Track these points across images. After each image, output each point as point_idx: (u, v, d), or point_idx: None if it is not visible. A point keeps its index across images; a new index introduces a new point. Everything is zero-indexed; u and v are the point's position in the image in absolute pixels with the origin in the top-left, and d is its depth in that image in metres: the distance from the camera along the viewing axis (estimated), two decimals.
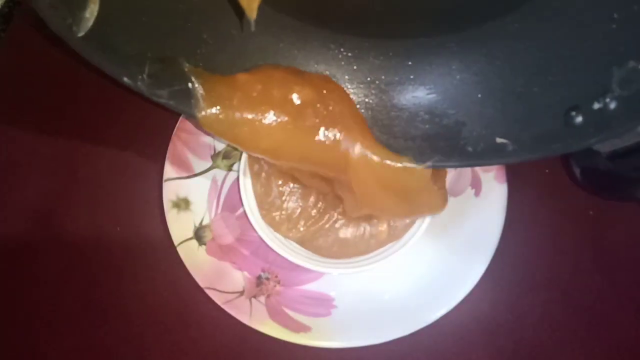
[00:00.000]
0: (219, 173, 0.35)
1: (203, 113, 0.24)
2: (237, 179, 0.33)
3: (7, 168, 0.36)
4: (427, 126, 0.26)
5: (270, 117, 0.24)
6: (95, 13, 0.22)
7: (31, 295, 0.33)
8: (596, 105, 0.22)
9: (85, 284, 0.34)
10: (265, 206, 0.31)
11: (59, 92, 0.38)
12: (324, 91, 0.25)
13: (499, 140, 0.24)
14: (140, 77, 0.23)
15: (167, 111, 0.36)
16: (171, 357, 0.32)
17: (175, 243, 0.32)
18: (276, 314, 0.31)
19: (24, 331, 0.33)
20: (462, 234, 0.33)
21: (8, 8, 0.40)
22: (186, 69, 0.24)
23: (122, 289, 0.33)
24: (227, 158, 0.35)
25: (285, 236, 0.31)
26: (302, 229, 0.31)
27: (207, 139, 0.35)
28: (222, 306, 0.31)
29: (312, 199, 0.32)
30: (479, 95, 0.25)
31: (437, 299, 0.31)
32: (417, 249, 0.30)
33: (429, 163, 0.25)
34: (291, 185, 0.31)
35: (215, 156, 0.35)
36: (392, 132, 0.26)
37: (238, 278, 0.32)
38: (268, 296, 0.32)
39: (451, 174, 0.35)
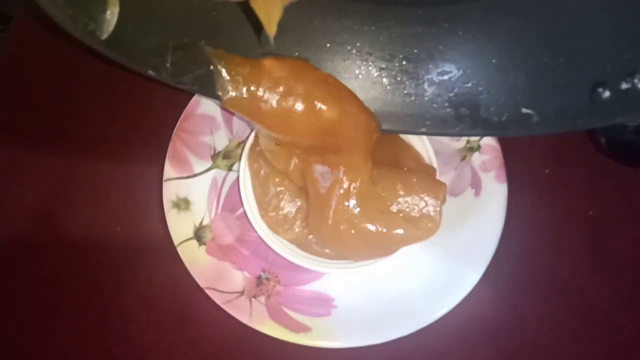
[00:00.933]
0: (219, 173, 0.35)
1: (228, 96, 0.24)
2: (237, 179, 0.33)
3: (7, 168, 0.36)
4: (451, 95, 0.26)
5: (294, 106, 0.25)
6: (116, 15, 0.22)
7: (31, 295, 0.33)
8: (624, 85, 0.22)
9: (85, 284, 0.33)
10: (264, 205, 0.31)
11: (59, 92, 0.38)
12: (351, 119, 0.26)
13: (524, 110, 0.24)
14: (164, 67, 0.23)
15: (168, 110, 0.36)
16: (171, 357, 0.32)
17: (175, 243, 0.32)
18: (276, 314, 0.31)
19: (24, 331, 0.33)
20: (462, 234, 0.33)
21: (8, 8, 0.40)
22: (207, 52, 0.24)
23: (122, 289, 0.33)
24: (227, 158, 0.35)
25: (282, 237, 0.31)
26: (297, 230, 0.31)
27: (207, 139, 0.35)
28: (222, 306, 0.31)
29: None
30: (505, 66, 0.25)
31: (437, 299, 0.31)
32: (417, 249, 0.30)
33: (452, 131, 0.25)
34: (288, 185, 0.31)
35: (215, 156, 0.35)
36: (417, 102, 0.26)
37: (238, 278, 0.32)
38: (268, 296, 0.32)
39: (451, 173, 0.35)
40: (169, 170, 0.34)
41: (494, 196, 0.33)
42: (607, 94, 0.22)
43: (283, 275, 0.33)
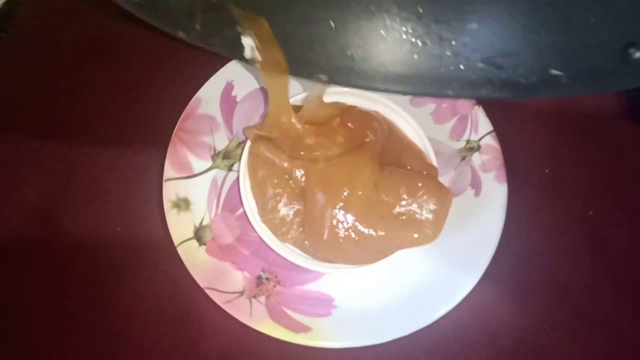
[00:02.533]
0: (219, 173, 0.35)
1: (258, 65, 0.24)
2: (237, 179, 0.33)
3: (7, 168, 0.36)
4: (478, 57, 0.25)
5: None
6: None
7: (31, 295, 0.33)
8: None
9: (85, 284, 0.33)
10: (262, 206, 0.31)
11: (59, 92, 0.38)
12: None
13: (553, 72, 0.24)
14: (193, 29, 0.23)
15: (168, 110, 0.36)
16: (171, 357, 0.32)
17: (175, 243, 0.32)
18: (276, 314, 0.31)
19: (24, 331, 0.33)
20: (462, 234, 0.33)
21: (8, 8, 0.40)
22: (235, 14, 0.24)
23: (122, 289, 0.33)
24: (227, 158, 0.35)
25: (281, 240, 0.31)
26: (294, 233, 0.31)
27: (207, 139, 0.35)
28: (222, 306, 0.31)
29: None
30: (535, 26, 0.24)
31: (437, 299, 0.31)
32: (417, 249, 0.30)
33: (478, 94, 0.25)
34: (285, 187, 0.31)
35: (215, 156, 0.35)
36: (443, 64, 0.25)
37: (238, 278, 0.32)
38: (268, 296, 0.32)
39: (451, 173, 0.35)
40: (169, 170, 0.34)
41: (494, 196, 0.33)
42: (638, 54, 0.22)
43: (283, 275, 0.33)
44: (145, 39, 0.39)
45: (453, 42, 0.25)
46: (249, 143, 0.32)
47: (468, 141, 0.35)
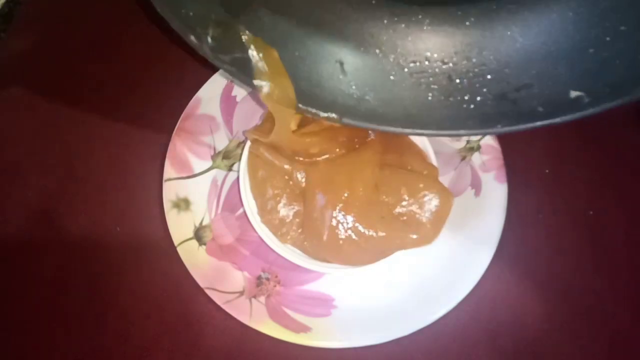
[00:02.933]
0: (219, 173, 0.35)
1: (266, 92, 0.24)
2: (237, 179, 0.33)
3: (7, 168, 0.36)
4: (492, 93, 0.25)
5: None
6: None
7: (31, 295, 0.33)
8: None
9: (85, 284, 0.33)
10: (262, 207, 0.31)
11: (59, 92, 0.38)
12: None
13: (573, 94, 0.23)
14: (205, 39, 0.23)
15: (168, 110, 0.36)
16: (171, 357, 0.32)
17: (175, 243, 0.32)
18: (276, 314, 0.31)
19: (24, 331, 0.33)
20: (462, 234, 0.33)
21: (8, 8, 0.40)
22: (245, 38, 0.24)
23: (122, 289, 0.33)
24: (227, 158, 0.35)
25: (281, 241, 0.31)
26: (293, 234, 0.31)
27: (207, 139, 0.35)
28: (222, 306, 0.31)
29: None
30: (548, 54, 0.24)
31: (437, 299, 0.31)
32: (417, 249, 0.30)
33: (493, 130, 0.24)
34: (285, 188, 0.31)
35: (215, 156, 0.35)
36: (453, 102, 0.25)
37: (238, 278, 0.32)
38: (268, 296, 0.32)
39: (451, 173, 0.35)
40: (169, 170, 0.34)
41: (494, 196, 0.33)
42: None
43: (283, 275, 0.33)
44: (145, 39, 0.40)
45: (465, 81, 0.25)
46: (248, 143, 0.32)
47: (468, 141, 0.35)
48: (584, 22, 0.24)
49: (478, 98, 0.25)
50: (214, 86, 0.36)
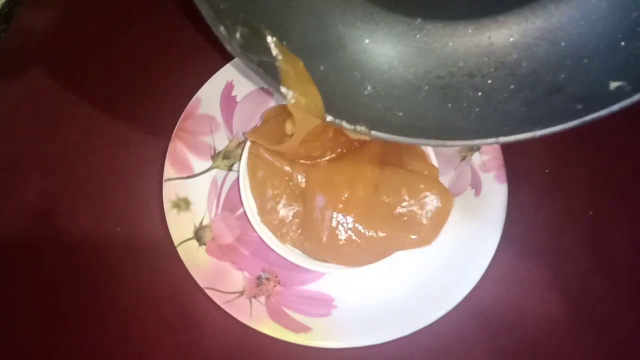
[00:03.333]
0: (219, 173, 0.35)
1: (292, 101, 0.23)
2: (237, 179, 0.33)
3: (7, 168, 0.36)
4: (523, 95, 0.25)
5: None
6: None
7: (31, 295, 0.33)
8: None
9: (85, 284, 0.33)
10: (261, 207, 0.31)
11: (59, 92, 0.38)
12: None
13: (613, 85, 0.23)
14: (234, 34, 0.22)
15: (168, 110, 0.36)
16: (171, 357, 0.32)
17: (175, 243, 0.32)
18: (276, 314, 0.31)
19: (24, 331, 0.33)
20: (462, 234, 0.33)
21: (8, 8, 0.40)
22: (271, 44, 0.23)
23: (122, 289, 0.33)
24: (227, 158, 0.35)
25: (280, 241, 0.31)
26: (293, 234, 0.31)
27: (207, 139, 0.35)
28: (222, 306, 0.31)
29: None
30: (582, 50, 0.24)
31: (437, 299, 0.31)
32: (417, 249, 0.30)
33: (531, 135, 0.24)
34: (285, 188, 0.31)
35: (215, 156, 0.35)
36: (491, 108, 0.25)
37: (238, 278, 0.32)
38: (268, 296, 0.32)
39: (451, 173, 0.35)
40: (169, 170, 0.34)
41: (494, 196, 0.33)
42: None
43: (283, 275, 0.33)
44: (145, 39, 0.40)
45: (498, 89, 0.25)
46: (248, 143, 0.32)
47: None
48: (617, 11, 0.23)
49: (512, 102, 0.25)
50: (214, 86, 0.36)
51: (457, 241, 0.33)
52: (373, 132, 0.24)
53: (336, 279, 0.33)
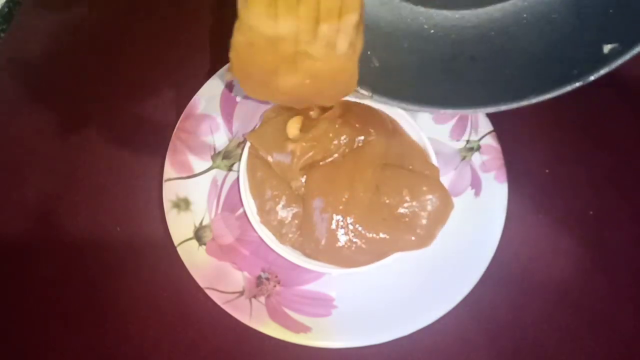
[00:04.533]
0: (219, 173, 0.35)
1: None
2: (237, 179, 0.33)
3: (7, 168, 0.36)
4: (515, 67, 0.27)
5: None
6: None
7: (31, 295, 0.33)
8: None
9: (85, 284, 0.33)
10: (261, 207, 0.31)
11: (59, 92, 0.38)
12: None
13: (606, 48, 0.25)
14: None
15: (168, 110, 0.36)
16: (171, 357, 0.32)
17: (175, 243, 0.32)
18: (276, 314, 0.31)
19: (24, 331, 0.33)
20: (462, 234, 0.33)
21: (8, 8, 0.40)
22: None
23: (122, 289, 0.33)
24: (227, 158, 0.35)
25: (280, 242, 0.31)
26: (292, 236, 0.31)
27: (207, 139, 0.35)
28: (222, 306, 0.31)
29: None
30: (576, 22, 0.27)
31: (437, 299, 0.31)
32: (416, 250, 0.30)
33: (526, 102, 0.26)
34: (284, 189, 0.31)
35: (215, 156, 0.35)
36: (481, 81, 0.28)
37: (238, 278, 0.32)
38: (268, 296, 0.32)
39: (451, 173, 0.35)
40: (169, 170, 0.34)
41: (494, 196, 0.33)
42: None
43: (283, 275, 0.33)
44: (145, 39, 0.40)
45: (496, 59, 0.28)
46: (248, 144, 0.32)
47: (468, 141, 0.35)
48: None
49: (506, 73, 0.28)
50: (214, 86, 0.36)
51: (457, 241, 0.33)
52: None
53: (336, 279, 0.33)
